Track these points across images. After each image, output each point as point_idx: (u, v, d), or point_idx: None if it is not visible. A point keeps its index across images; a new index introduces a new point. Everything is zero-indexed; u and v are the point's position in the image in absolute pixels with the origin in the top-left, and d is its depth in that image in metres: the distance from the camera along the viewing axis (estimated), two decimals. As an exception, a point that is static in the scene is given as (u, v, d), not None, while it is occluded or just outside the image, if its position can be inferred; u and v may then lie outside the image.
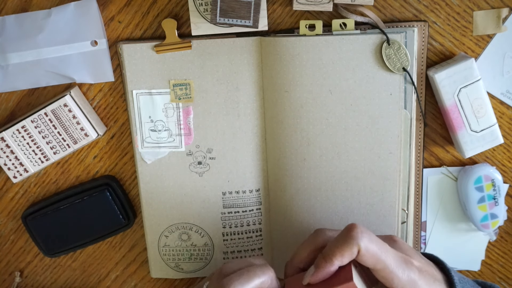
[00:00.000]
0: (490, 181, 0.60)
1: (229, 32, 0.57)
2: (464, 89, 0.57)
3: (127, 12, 0.59)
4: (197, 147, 0.61)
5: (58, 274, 0.70)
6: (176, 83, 0.59)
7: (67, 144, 0.61)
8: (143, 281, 0.70)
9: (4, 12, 0.59)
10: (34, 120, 0.60)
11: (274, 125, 0.59)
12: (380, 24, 0.56)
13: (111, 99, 0.62)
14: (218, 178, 0.62)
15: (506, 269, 0.66)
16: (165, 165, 0.62)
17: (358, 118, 0.57)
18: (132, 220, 0.65)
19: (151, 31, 0.60)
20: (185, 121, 0.60)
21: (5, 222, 0.67)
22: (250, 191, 0.62)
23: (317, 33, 0.56)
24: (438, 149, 0.62)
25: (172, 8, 0.59)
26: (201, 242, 0.65)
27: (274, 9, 0.58)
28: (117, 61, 0.60)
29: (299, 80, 0.56)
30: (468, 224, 0.64)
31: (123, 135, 0.63)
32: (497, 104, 0.60)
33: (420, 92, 0.59)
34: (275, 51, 0.56)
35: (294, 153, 0.58)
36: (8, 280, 0.70)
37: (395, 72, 0.55)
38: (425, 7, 0.57)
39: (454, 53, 0.59)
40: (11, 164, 0.61)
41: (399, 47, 0.54)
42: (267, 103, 0.59)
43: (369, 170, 0.58)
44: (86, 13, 0.57)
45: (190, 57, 0.58)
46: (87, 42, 0.59)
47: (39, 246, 0.65)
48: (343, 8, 0.56)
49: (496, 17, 0.57)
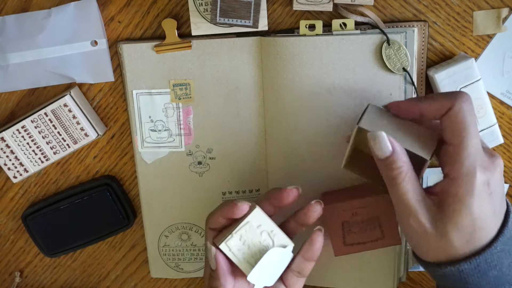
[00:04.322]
0: (490, 181, 0.60)
1: (229, 32, 0.57)
2: (464, 89, 0.57)
3: (127, 12, 0.59)
4: (197, 147, 0.61)
5: (58, 274, 0.70)
6: (176, 83, 0.59)
7: (67, 144, 0.61)
8: (143, 281, 0.70)
9: (4, 12, 0.59)
10: (34, 120, 0.60)
11: (274, 125, 0.59)
12: (380, 24, 0.56)
13: (111, 99, 0.62)
14: (218, 178, 0.62)
15: (506, 269, 0.66)
16: (165, 165, 0.62)
17: (358, 118, 0.57)
18: (132, 220, 0.65)
19: (151, 31, 0.60)
20: (185, 121, 0.60)
21: (5, 222, 0.67)
22: (250, 191, 0.62)
23: (317, 33, 0.56)
24: (438, 149, 0.62)
25: (172, 8, 0.59)
26: (201, 242, 0.65)
27: (274, 9, 0.58)
28: (117, 61, 0.60)
29: (299, 80, 0.56)
30: (468, 224, 0.64)
31: (123, 135, 0.63)
32: (497, 104, 0.60)
33: (420, 92, 0.59)
34: (275, 51, 0.56)
35: (294, 153, 0.58)
36: (8, 280, 0.70)
37: (395, 72, 0.55)
38: (425, 7, 0.57)
39: (454, 53, 0.59)
40: (11, 164, 0.61)
41: (399, 47, 0.54)
42: (267, 103, 0.59)
43: (369, 170, 0.58)
44: (86, 13, 0.57)
45: (190, 57, 0.58)
46: (87, 42, 0.59)
47: (39, 246, 0.65)
48: (343, 8, 0.56)
49: (496, 17, 0.57)
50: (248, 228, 0.51)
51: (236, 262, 0.52)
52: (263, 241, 0.51)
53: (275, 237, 0.52)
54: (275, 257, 0.52)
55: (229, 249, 0.51)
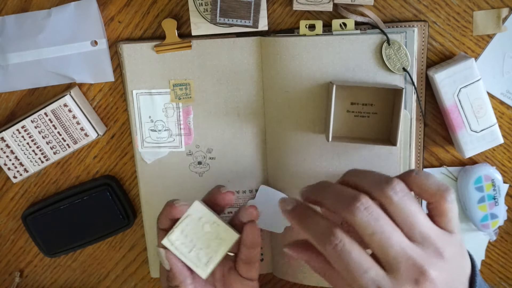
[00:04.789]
0: (490, 181, 0.61)
1: (229, 32, 0.57)
2: (464, 89, 0.57)
3: (127, 12, 0.59)
4: (197, 147, 0.61)
5: (58, 274, 0.70)
6: (176, 83, 0.59)
7: (67, 144, 0.61)
8: (143, 281, 0.70)
9: (4, 12, 0.59)
10: (34, 120, 0.60)
11: (274, 125, 0.59)
12: (380, 24, 0.56)
13: (111, 99, 0.62)
14: (218, 178, 0.62)
15: (506, 269, 0.66)
16: (165, 165, 0.62)
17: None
18: (132, 220, 0.65)
19: (151, 31, 0.60)
20: (185, 121, 0.60)
21: (5, 222, 0.67)
22: (250, 191, 0.62)
23: (317, 33, 0.56)
24: (438, 149, 0.62)
25: (172, 8, 0.59)
26: (201, 242, 0.65)
27: (274, 9, 0.58)
28: (117, 61, 0.60)
29: (299, 80, 0.56)
30: (468, 224, 0.64)
31: (123, 135, 0.63)
32: (497, 104, 0.60)
33: (420, 92, 0.59)
34: (275, 51, 0.56)
35: (294, 153, 0.58)
36: (8, 280, 0.70)
37: (395, 72, 0.55)
38: (425, 7, 0.57)
39: (454, 53, 0.59)
40: (11, 164, 0.61)
41: (399, 47, 0.54)
42: (267, 103, 0.59)
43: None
44: (86, 13, 0.57)
45: (190, 57, 0.58)
46: (87, 42, 0.59)
47: (39, 246, 0.65)
48: (343, 8, 0.56)
49: (496, 17, 0.57)
50: (189, 221, 0.52)
51: (180, 256, 0.52)
52: (206, 233, 0.52)
53: (218, 228, 0.52)
54: (216, 244, 0.52)
55: (171, 244, 0.52)
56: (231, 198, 0.54)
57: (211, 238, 0.52)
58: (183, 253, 0.52)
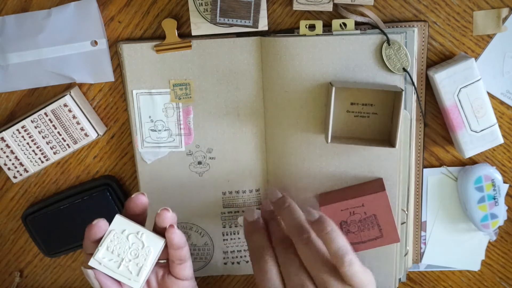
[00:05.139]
0: (490, 181, 0.61)
1: (229, 32, 0.57)
2: (464, 89, 0.57)
3: (127, 12, 0.59)
4: (197, 147, 0.61)
5: (58, 274, 0.70)
6: (176, 83, 0.59)
7: (67, 144, 0.61)
8: (143, 281, 0.70)
9: (4, 12, 0.59)
10: (34, 120, 0.60)
11: (274, 125, 0.59)
12: (380, 24, 0.56)
13: (111, 99, 0.62)
14: (218, 178, 0.62)
15: (506, 269, 0.66)
16: (165, 165, 0.62)
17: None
18: (132, 220, 0.65)
19: (151, 31, 0.60)
20: (185, 121, 0.60)
21: (5, 222, 0.67)
22: (250, 191, 0.62)
23: (317, 33, 0.56)
24: (438, 149, 0.62)
25: (172, 8, 0.59)
26: (201, 242, 0.65)
27: (274, 9, 0.58)
28: (117, 61, 0.60)
29: (299, 80, 0.56)
30: (468, 224, 0.64)
31: (123, 135, 0.63)
32: (497, 104, 0.60)
33: (420, 92, 0.59)
34: (275, 51, 0.56)
35: (294, 153, 0.58)
36: (8, 280, 0.70)
37: (395, 73, 0.55)
38: (425, 7, 0.57)
39: (454, 53, 0.59)
40: (11, 164, 0.61)
41: (399, 47, 0.54)
42: (267, 103, 0.59)
43: (369, 170, 0.58)
44: (86, 13, 0.57)
45: (190, 57, 0.58)
46: (87, 42, 0.59)
47: (39, 246, 0.66)
48: (343, 8, 0.56)
49: (496, 17, 0.57)
50: (113, 236, 0.52)
51: (110, 273, 0.52)
52: (132, 244, 0.52)
53: (143, 237, 0.52)
54: (144, 253, 0.52)
55: (99, 263, 0.52)
56: (142, 200, 0.54)
57: (138, 248, 0.52)
58: (113, 269, 0.52)
